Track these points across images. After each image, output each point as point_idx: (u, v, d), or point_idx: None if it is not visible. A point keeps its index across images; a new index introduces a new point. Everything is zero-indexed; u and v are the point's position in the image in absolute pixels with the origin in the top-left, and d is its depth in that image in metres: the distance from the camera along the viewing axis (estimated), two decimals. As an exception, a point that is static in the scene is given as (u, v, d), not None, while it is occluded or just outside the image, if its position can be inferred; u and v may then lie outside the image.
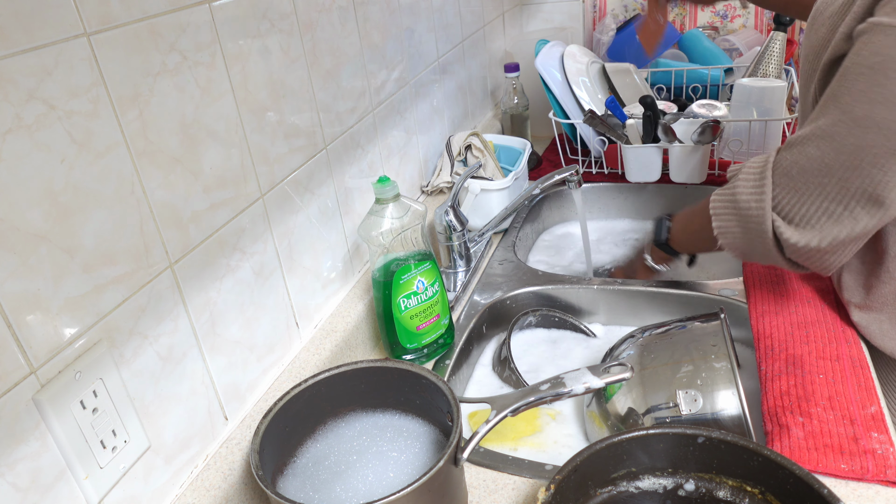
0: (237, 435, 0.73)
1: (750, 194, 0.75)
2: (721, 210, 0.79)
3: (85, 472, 0.55)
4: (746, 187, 0.75)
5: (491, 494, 0.72)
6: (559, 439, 0.85)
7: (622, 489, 0.64)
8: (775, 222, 0.73)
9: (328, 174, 0.93)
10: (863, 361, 0.78)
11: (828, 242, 0.70)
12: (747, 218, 0.75)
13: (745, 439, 0.61)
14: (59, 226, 0.53)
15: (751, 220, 0.75)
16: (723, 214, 0.79)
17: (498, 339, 1.07)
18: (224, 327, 0.72)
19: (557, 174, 1.10)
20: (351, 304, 0.96)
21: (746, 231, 0.76)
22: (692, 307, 1.01)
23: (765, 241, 0.75)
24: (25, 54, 0.49)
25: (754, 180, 0.75)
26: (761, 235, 0.75)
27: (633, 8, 1.98)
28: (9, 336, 0.49)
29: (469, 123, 1.57)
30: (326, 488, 0.68)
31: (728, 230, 0.78)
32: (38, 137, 0.51)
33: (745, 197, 0.75)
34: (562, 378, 0.67)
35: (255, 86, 0.76)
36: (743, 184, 0.76)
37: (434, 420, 0.74)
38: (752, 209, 0.74)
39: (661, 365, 0.76)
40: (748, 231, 0.76)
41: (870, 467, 0.65)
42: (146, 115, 0.60)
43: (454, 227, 1.08)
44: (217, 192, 0.70)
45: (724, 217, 0.79)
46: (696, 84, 1.64)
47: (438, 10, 1.32)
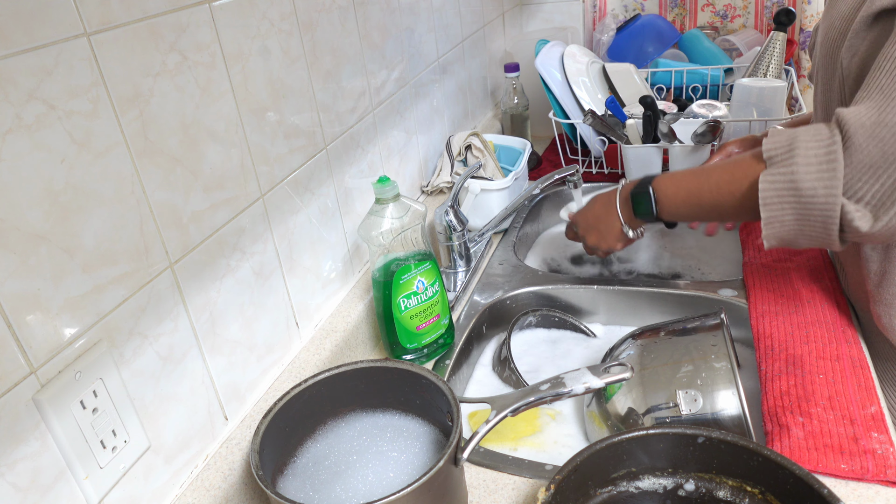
0: (237, 435, 0.73)
1: (816, 179, 0.66)
2: (774, 199, 0.69)
3: (85, 472, 0.55)
4: (810, 171, 0.67)
5: (491, 494, 0.72)
6: (559, 439, 0.85)
7: (622, 489, 0.64)
8: (845, 208, 0.65)
9: (328, 174, 0.93)
10: (863, 361, 0.78)
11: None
12: (810, 206, 0.67)
13: (745, 439, 0.61)
14: (59, 226, 0.53)
15: (815, 207, 0.67)
16: (776, 203, 0.69)
17: (498, 339, 1.07)
18: (224, 327, 0.72)
19: (557, 174, 1.10)
20: (351, 304, 0.96)
21: (805, 219, 0.68)
22: (692, 307, 1.01)
23: (827, 228, 0.67)
24: (25, 54, 0.49)
25: (819, 162, 0.66)
26: (825, 223, 0.67)
27: (632, 8, 1.98)
28: (9, 336, 0.49)
29: (469, 123, 1.57)
30: (326, 488, 0.68)
31: (779, 219, 0.70)
32: (38, 137, 0.51)
33: (810, 183, 0.66)
34: (562, 378, 0.67)
35: (255, 86, 0.76)
36: (805, 167, 0.67)
37: (434, 420, 0.74)
38: (818, 196, 0.66)
39: (661, 365, 0.76)
40: (807, 219, 0.68)
41: (870, 467, 0.65)
42: (146, 115, 0.61)
43: (454, 227, 1.08)
44: (217, 192, 0.70)
45: (777, 206, 0.69)
46: (696, 84, 1.64)
47: (438, 10, 1.32)
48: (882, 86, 0.65)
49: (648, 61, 1.77)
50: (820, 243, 0.70)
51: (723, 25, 1.92)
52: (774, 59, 1.45)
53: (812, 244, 0.71)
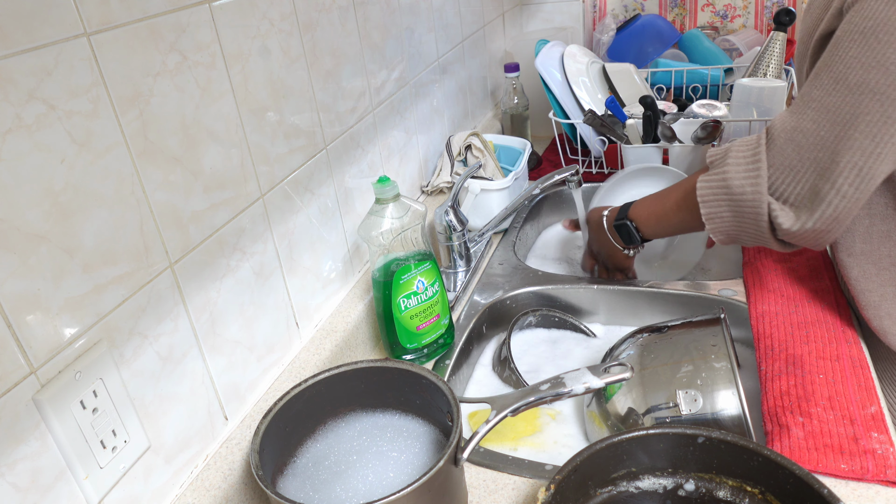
0: (237, 435, 0.73)
1: (744, 178, 0.73)
2: (710, 197, 0.77)
3: (85, 472, 0.55)
4: (738, 171, 0.73)
5: (491, 494, 0.72)
6: (559, 439, 0.85)
7: (622, 489, 0.64)
8: (771, 206, 0.71)
9: (328, 174, 0.93)
10: (863, 361, 0.78)
11: (821, 223, 0.70)
12: (740, 203, 0.74)
13: (745, 439, 0.61)
14: (59, 226, 0.53)
15: (744, 204, 0.73)
16: (712, 201, 0.77)
17: (498, 339, 1.07)
18: (224, 327, 0.72)
19: (557, 174, 1.10)
20: (351, 304, 0.96)
21: (739, 216, 0.75)
22: (692, 307, 1.01)
23: (758, 225, 0.74)
24: (25, 54, 0.49)
25: (747, 163, 0.73)
26: (755, 219, 0.73)
27: (632, 8, 1.98)
28: (9, 336, 0.49)
29: (469, 123, 1.57)
30: (326, 488, 0.68)
31: (717, 215, 0.77)
32: (38, 137, 0.51)
33: (739, 182, 0.73)
34: (562, 378, 0.67)
35: (255, 86, 0.76)
36: (734, 168, 0.74)
37: (434, 420, 0.74)
38: (746, 194, 0.73)
39: (661, 365, 0.76)
40: (741, 216, 0.75)
41: (870, 467, 0.65)
42: (146, 115, 0.61)
43: (454, 227, 1.08)
44: (217, 192, 0.70)
45: (713, 203, 0.77)
46: (696, 84, 1.64)
47: (438, 10, 1.32)
48: (804, 94, 0.71)
49: (648, 61, 1.77)
50: (759, 241, 0.76)
51: (723, 25, 1.92)
52: (774, 59, 1.45)
53: (754, 242, 0.77)
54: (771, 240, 0.75)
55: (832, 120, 0.67)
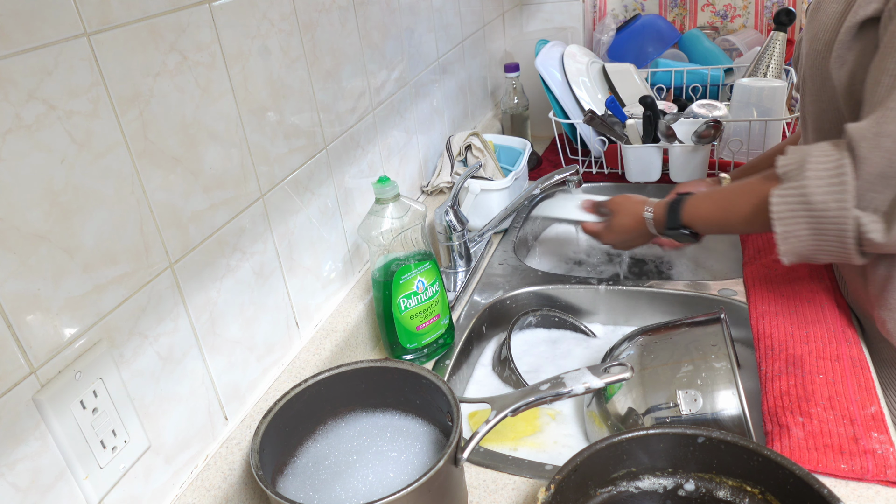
0: (237, 435, 0.73)
1: (827, 193, 0.67)
2: (787, 214, 0.70)
3: (85, 472, 0.55)
4: (820, 185, 0.67)
5: (491, 494, 0.72)
6: (559, 439, 0.85)
7: (622, 489, 0.64)
8: (860, 219, 0.66)
9: (328, 174, 0.93)
10: (863, 361, 0.78)
11: None
12: (823, 219, 0.68)
13: (745, 439, 0.61)
14: (59, 226, 0.53)
15: (827, 221, 0.68)
16: (789, 218, 0.70)
17: (498, 339, 1.07)
18: (224, 327, 0.72)
19: (557, 174, 1.10)
20: (351, 304, 0.96)
21: (820, 233, 0.69)
22: (692, 307, 1.01)
23: (843, 241, 0.68)
24: (25, 54, 0.49)
25: (829, 175, 0.67)
26: (839, 236, 0.68)
27: (632, 8, 1.98)
28: (9, 336, 0.49)
29: (469, 123, 1.57)
30: (326, 488, 0.68)
31: (794, 234, 0.71)
32: (38, 137, 0.51)
33: (822, 197, 0.67)
34: (562, 378, 0.67)
35: (255, 86, 0.76)
36: (815, 182, 0.68)
37: (434, 420, 0.74)
38: (829, 209, 0.67)
39: (661, 365, 0.76)
40: (822, 233, 0.69)
41: (870, 467, 0.65)
42: (146, 115, 0.61)
43: (454, 227, 1.08)
44: (217, 192, 0.70)
45: (790, 221, 0.70)
46: (696, 84, 1.64)
47: (438, 10, 1.32)
48: (880, 100, 0.66)
49: (648, 61, 1.77)
50: (839, 258, 0.71)
51: (723, 25, 1.92)
52: (774, 59, 1.45)
53: (832, 259, 0.72)
54: (854, 255, 0.69)
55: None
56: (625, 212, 1.02)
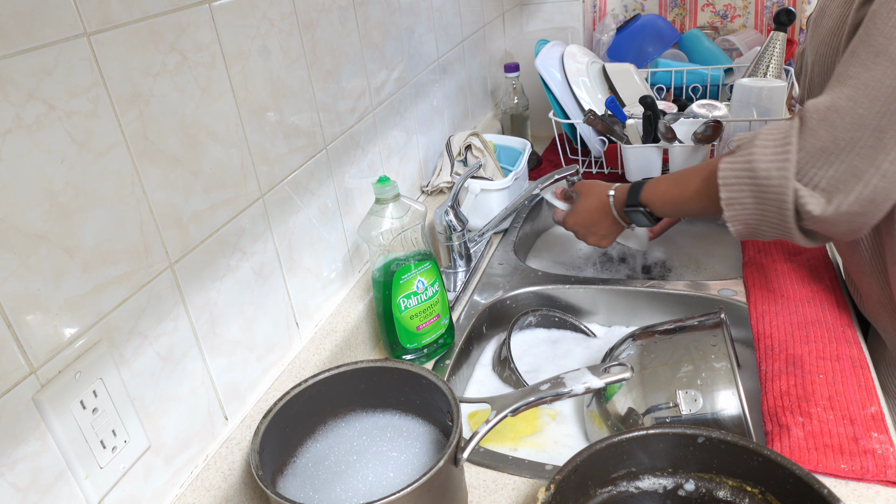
0: (237, 435, 0.73)
1: (770, 161, 0.69)
2: (732, 180, 0.73)
3: (85, 472, 0.55)
4: (766, 154, 0.69)
5: (491, 494, 0.72)
6: (559, 439, 0.85)
7: (622, 489, 0.64)
8: (798, 192, 0.68)
9: (328, 174, 0.93)
10: (863, 361, 0.78)
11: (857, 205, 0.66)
12: (765, 188, 0.70)
13: (745, 439, 0.61)
14: (59, 226, 0.53)
15: (769, 189, 0.70)
16: (734, 185, 0.73)
17: (498, 339, 1.07)
18: (224, 327, 0.72)
19: (557, 174, 1.10)
20: (351, 304, 0.96)
21: (762, 202, 0.71)
22: (692, 307, 1.01)
23: (782, 212, 0.70)
24: (25, 54, 0.49)
25: (776, 146, 0.69)
26: (779, 205, 0.70)
27: (632, 8, 1.98)
28: (9, 336, 0.49)
29: (469, 123, 1.57)
30: (326, 488, 0.68)
31: (738, 201, 0.73)
32: (38, 137, 0.51)
33: (765, 165, 0.69)
34: (562, 378, 0.67)
35: (255, 86, 0.76)
36: (761, 150, 0.70)
37: (434, 420, 0.74)
38: (772, 178, 0.69)
39: (661, 365, 0.76)
40: (764, 202, 0.71)
41: (870, 467, 0.65)
42: (146, 115, 0.61)
43: (454, 227, 1.08)
44: (217, 192, 0.70)
45: (734, 188, 0.73)
46: (696, 84, 1.64)
47: (438, 10, 1.32)
48: (839, 74, 0.67)
49: (648, 61, 1.77)
50: (781, 232, 0.73)
51: (723, 25, 1.92)
52: (774, 59, 1.45)
53: (774, 232, 0.74)
54: (794, 230, 0.71)
55: (872, 95, 0.63)
56: (590, 193, 1.03)
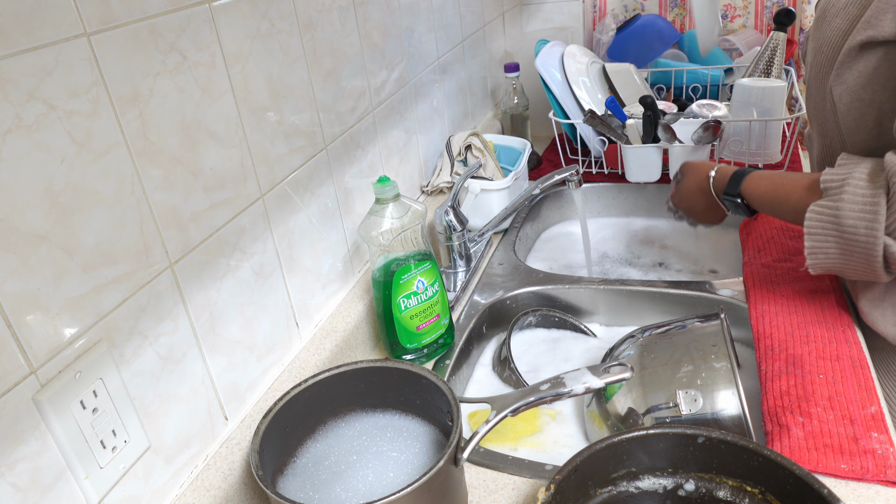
0: (237, 435, 0.73)
1: (858, 218, 0.69)
2: (818, 230, 0.73)
3: (85, 472, 0.55)
4: (854, 210, 0.69)
5: (491, 494, 0.72)
6: (559, 439, 0.85)
7: (622, 489, 0.64)
8: (888, 246, 0.68)
9: (328, 174, 0.93)
10: (863, 361, 0.78)
11: None
12: (852, 242, 0.70)
13: (745, 439, 0.61)
14: (59, 226, 0.53)
15: (857, 244, 0.70)
16: (820, 235, 0.73)
17: (498, 339, 1.07)
18: (224, 327, 0.72)
19: (557, 174, 1.10)
20: (351, 304, 0.96)
21: (848, 254, 0.72)
22: (692, 307, 1.01)
23: (870, 263, 0.70)
24: (25, 54, 0.49)
25: (864, 200, 0.69)
26: (868, 259, 0.70)
27: (632, 8, 1.98)
28: (9, 336, 0.49)
29: (469, 123, 1.57)
30: (326, 488, 0.68)
31: (822, 251, 0.73)
32: (38, 137, 0.51)
33: (853, 221, 0.69)
34: (562, 378, 0.67)
35: (255, 86, 0.76)
36: (850, 206, 0.70)
37: (434, 420, 0.74)
38: (859, 234, 0.69)
39: (661, 365, 0.76)
40: (850, 254, 0.71)
41: (870, 467, 0.65)
42: (146, 115, 0.61)
43: (454, 227, 1.08)
44: (217, 192, 0.70)
45: (820, 237, 0.73)
46: (696, 84, 1.64)
47: (438, 10, 1.32)
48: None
49: (648, 61, 1.77)
50: (867, 277, 0.74)
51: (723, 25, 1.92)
52: (774, 59, 1.45)
53: (857, 277, 0.75)
54: (882, 274, 0.71)
55: None
56: (693, 172, 1.00)
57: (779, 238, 1.05)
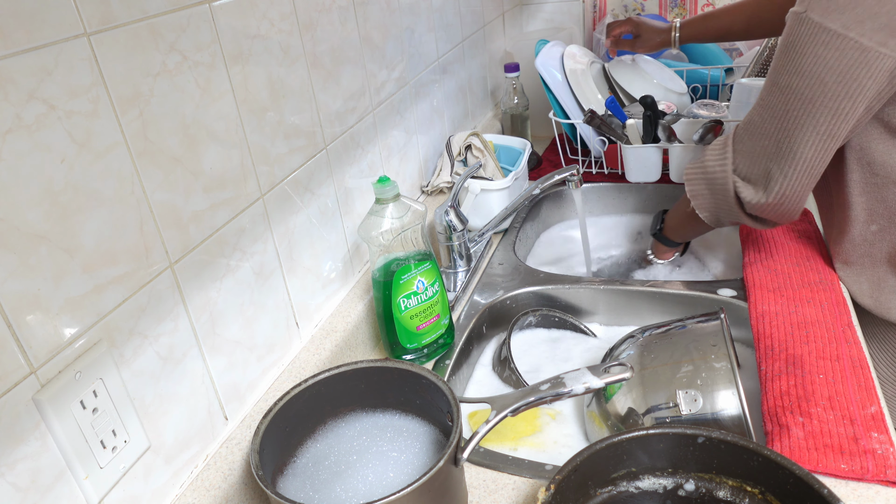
0: (237, 435, 0.73)
1: (714, 161, 0.91)
2: (692, 176, 0.95)
3: (85, 472, 0.55)
4: (713, 156, 0.91)
5: (491, 494, 0.72)
6: (559, 439, 0.85)
7: (622, 489, 0.64)
8: (736, 183, 0.88)
9: (328, 174, 0.93)
10: (863, 361, 0.78)
11: (775, 198, 0.84)
12: (713, 181, 0.91)
13: (745, 439, 0.61)
14: (59, 226, 0.53)
15: (716, 182, 0.90)
16: (694, 180, 0.94)
17: (498, 339, 1.07)
18: (224, 327, 0.72)
19: (557, 174, 1.10)
20: (351, 304, 0.96)
21: (713, 192, 0.92)
22: (692, 307, 1.01)
23: (728, 200, 0.90)
24: (25, 54, 0.49)
25: (719, 149, 0.90)
26: (725, 195, 0.90)
27: (632, 8, 1.98)
28: (9, 336, 0.49)
29: (469, 123, 1.57)
30: (326, 488, 0.68)
31: (698, 193, 0.94)
32: (38, 137, 0.51)
33: (711, 164, 0.91)
34: (562, 378, 0.67)
35: (255, 86, 0.76)
36: (710, 154, 0.92)
37: (434, 420, 0.74)
38: (716, 173, 0.90)
39: (661, 365, 0.76)
40: (714, 192, 0.91)
41: (870, 467, 0.65)
42: (146, 115, 0.61)
43: (454, 227, 1.08)
44: (217, 192, 0.70)
45: (694, 182, 0.94)
46: (696, 84, 1.64)
47: (438, 10, 1.32)
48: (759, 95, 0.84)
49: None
50: (734, 216, 0.92)
51: (723, 25, 1.91)
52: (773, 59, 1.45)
53: (730, 217, 0.93)
54: (742, 214, 0.90)
55: (771, 115, 0.82)
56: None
57: (779, 239, 1.05)
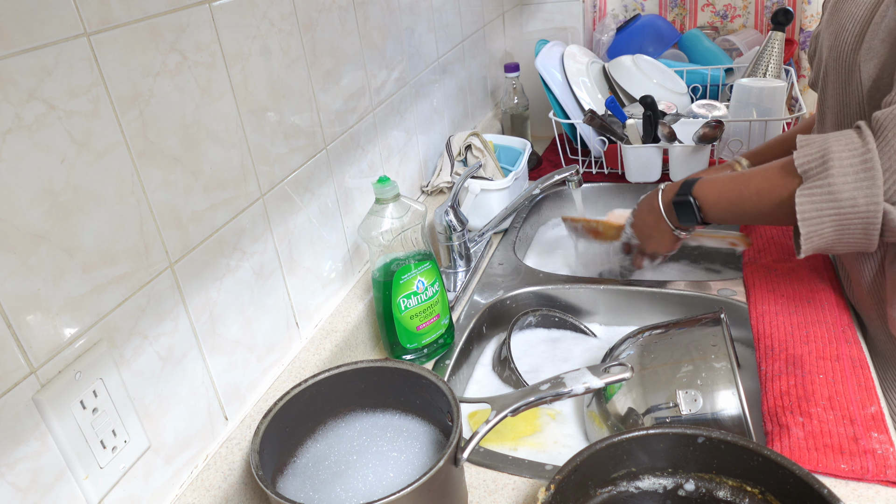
0: (237, 435, 0.73)
1: (855, 188, 0.66)
2: (813, 214, 0.70)
3: (85, 472, 0.55)
4: (848, 182, 0.67)
5: (491, 494, 0.72)
6: (559, 439, 0.85)
7: (622, 489, 0.64)
8: (888, 213, 0.66)
9: (328, 174, 0.93)
10: (863, 361, 0.78)
11: None
12: (851, 216, 0.68)
13: (745, 439, 0.61)
14: (59, 226, 0.53)
15: (856, 216, 0.67)
16: (814, 218, 0.70)
17: (498, 339, 1.07)
18: (224, 327, 0.72)
19: (557, 174, 1.10)
20: (351, 304, 0.96)
21: (843, 230, 0.69)
22: (692, 307, 1.01)
23: (868, 234, 0.68)
24: (25, 54, 0.49)
25: (856, 170, 0.66)
26: (865, 230, 0.68)
27: (632, 8, 1.98)
28: (9, 336, 0.49)
29: (469, 123, 1.57)
30: (326, 488, 0.68)
31: (818, 233, 0.70)
32: (38, 137, 0.51)
33: (849, 193, 0.67)
34: (562, 378, 0.67)
35: (255, 86, 0.76)
36: (841, 178, 0.67)
37: (434, 420, 0.74)
38: (859, 206, 0.66)
39: (661, 365, 0.76)
40: (846, 229, 0.69)
41: (870, 467, 0.65)
42: (146, 115, 0.61)
43: (454, 227, 1.08)
44: (217, 192, 0.70)
45: (815, 221, 0.70)
46: (696, 84, 1.64)
47: (438, 10, 1.32)
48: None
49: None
50: (856, 248, 0.71)
51: (723, 25, 1.92)
52: (773, 58, 1.45)
53: (847, 250, 0.72)
54: (874, 245, 0.70)
55: None
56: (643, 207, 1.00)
57: (779, 238, 1.05)
